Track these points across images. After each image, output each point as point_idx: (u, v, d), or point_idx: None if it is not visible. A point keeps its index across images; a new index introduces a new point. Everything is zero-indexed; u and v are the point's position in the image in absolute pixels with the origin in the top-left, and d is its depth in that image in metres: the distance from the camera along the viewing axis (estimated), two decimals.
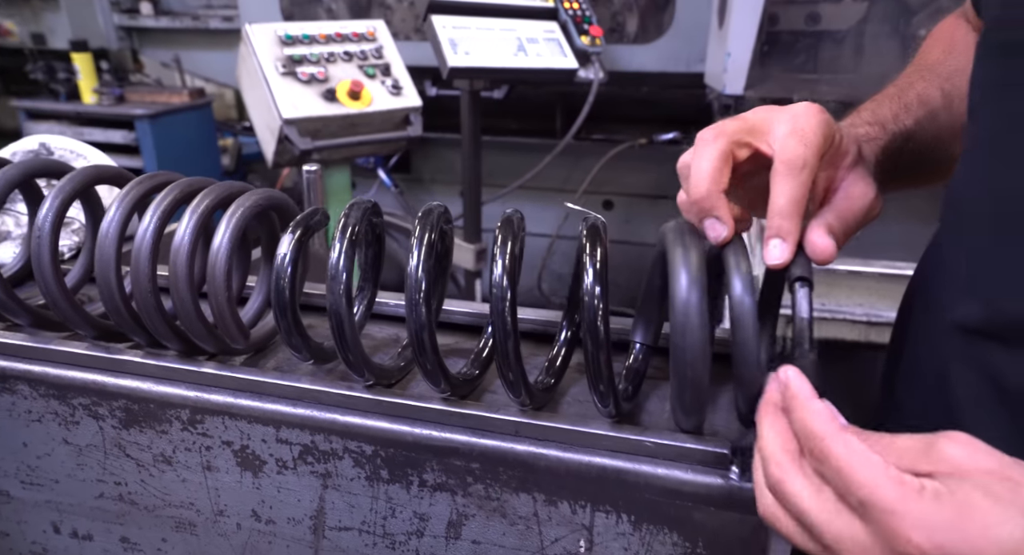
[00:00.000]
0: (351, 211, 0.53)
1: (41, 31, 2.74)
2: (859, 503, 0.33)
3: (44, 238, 0.57)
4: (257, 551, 0.58)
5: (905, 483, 0.32)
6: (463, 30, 1.92)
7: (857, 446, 0.34)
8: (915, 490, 0.32)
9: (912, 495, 0.32)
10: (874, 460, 0.33)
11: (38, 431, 0.59)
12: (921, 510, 0.31)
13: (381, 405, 0.52)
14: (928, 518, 0.31)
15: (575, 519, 0.49)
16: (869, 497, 0.32)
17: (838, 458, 0.34)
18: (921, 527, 0.31)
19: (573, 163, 2.45)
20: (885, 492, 0.32)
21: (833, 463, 0.34)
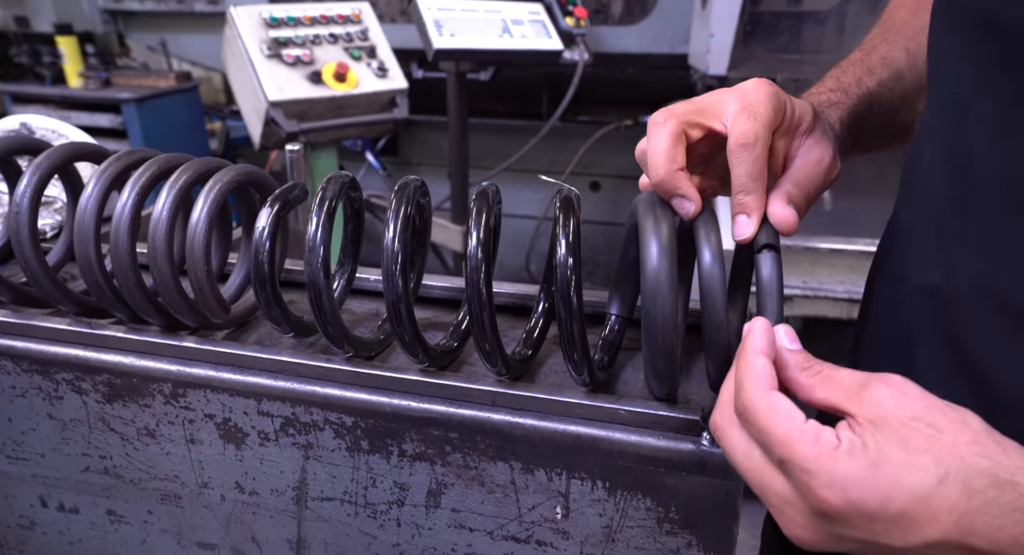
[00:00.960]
0: (328, 185, 0.52)
1: (24, 14, 2.68)
2: (779, 460, 0.34)
3: (23, 215, 0.56)
4: (241, 522, 0.58)
5: (820, 441, 0.33)
6: (448, 12, 1.90)
7: (781, 405, 0.35)
8: (830, 448, 0.33)
9: (827, 454, 0.33)
10: (793, 418, 0.34)
11: (22, 406, 0.59)
12: (835, 467, 0.32)
13: (360, 377, 0.52)
14: (841, 475, 0.32)
15: (551, 486, 0.49)
16: (787, 454, 0.34)
17: (759, 416, 0.35)
18: (835, 485, 0.32)
19: (559, 145, 2.44)
20: (802, 450, 0.33)
21: (755, 421, 0.35)
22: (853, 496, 0.32)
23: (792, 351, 0.38)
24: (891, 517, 0.32)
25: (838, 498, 0.32)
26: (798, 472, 0.33)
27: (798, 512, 0.34)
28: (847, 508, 0.32)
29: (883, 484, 0.31)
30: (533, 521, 0.51)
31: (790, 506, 0.35)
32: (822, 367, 0.37)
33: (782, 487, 0.35)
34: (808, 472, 0.33)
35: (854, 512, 0.32)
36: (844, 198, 1.53)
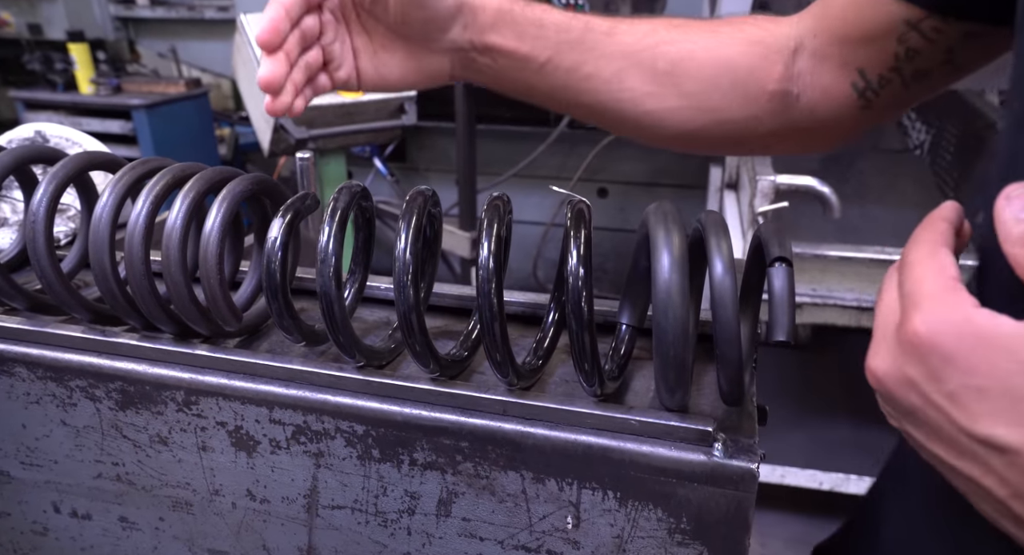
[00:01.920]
0: (340, 195, 0.53)
1: (38, 22, 2.72)
2: (906, 292, 0.33)
3: (39, 223, 0.57)
4: (252, 530, 0.59)
5: (955, 291, 0.31)
6: None
7: (941, 257, 0.33)
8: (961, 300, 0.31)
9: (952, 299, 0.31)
10: (942, 268, 0.33)
11: (36, 413, 0.60)
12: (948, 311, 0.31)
13: (371, 386, 0.52)
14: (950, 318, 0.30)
15: (562, 496, 0.49)
16: (912, 288, 0.33)
17: (916, 258, 0.34)
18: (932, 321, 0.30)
19: (567, 151, 2.45)
20: (927, 288, 0.32)
21: (907, 258, 0.35)
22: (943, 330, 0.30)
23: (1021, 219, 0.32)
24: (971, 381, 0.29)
25: (926, 327, 0.31)
26: (909, 304, 0.32)
27: (886, 342, 0.33)
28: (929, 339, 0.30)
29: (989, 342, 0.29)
30: (544, 531, 0.51)
31: (884, 336, 0.34)
32: None
33: (890, 317, 0.34)
34: (917, 305, 0.32)
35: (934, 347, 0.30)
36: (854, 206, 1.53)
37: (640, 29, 0.62)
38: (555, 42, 0.60)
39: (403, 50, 0.59)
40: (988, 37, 0.53)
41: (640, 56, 0.61)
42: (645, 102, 0.62)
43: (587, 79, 0.62)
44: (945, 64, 0.56)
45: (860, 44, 0.57)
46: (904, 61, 0.56)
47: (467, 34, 0.58)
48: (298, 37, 0.54)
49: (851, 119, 0.62)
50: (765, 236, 0.45)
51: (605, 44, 0.61)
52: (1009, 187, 0.33)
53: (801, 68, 0.61)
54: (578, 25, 0.61)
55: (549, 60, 0.60)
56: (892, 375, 0.33)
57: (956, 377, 0.30)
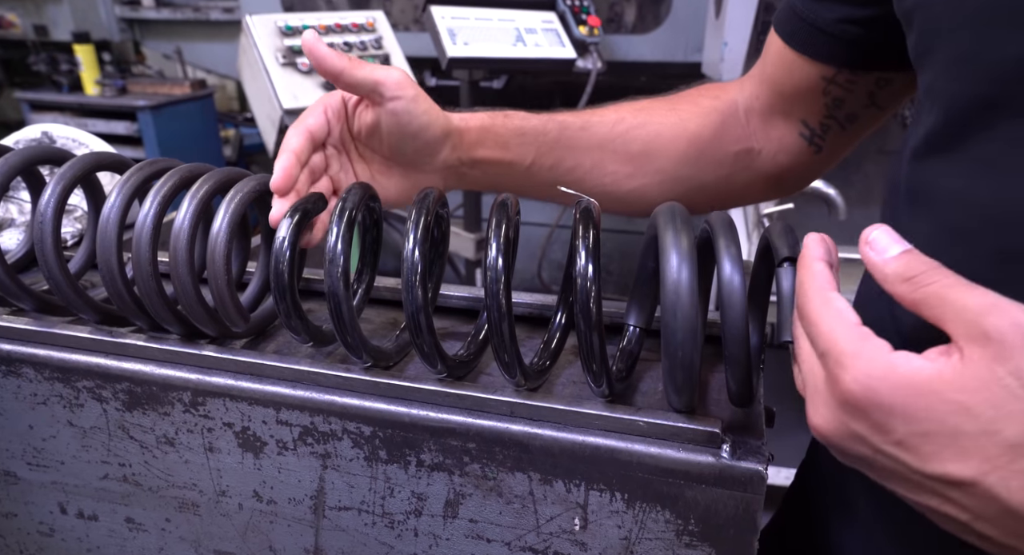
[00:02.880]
0: (349, 195, 0.53)
1: (43, 23, 2.73)
2: (821, 352, 0.35)
3: (46, 224, 0.57)
4: (259, 531, 0.59)
5: (867, 340, 0.33)
6: (462, 20, 1.92)
7: (835, 304, 0.35)
8: (877, 349, 0.33)
9: (870, 351, 0.33)
10: (842, 316, 0.34)
11: (43, 413, 0.60)
12: (872, 362, 0.32)
13: (379, 387, 0.52)
14: (874, 369, 0.32)
15: (570, 498, 0.49)
16: (827, 346, 0.34)
17: (812, 311, 0.36)
18: (860, 376, 0.32)
19: None
20: (842, 345, 0.33)
21: (807, 315, 0.36)
22: (876, 386, 0.32)
23: (888, 260, 0.35)
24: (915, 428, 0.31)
25: (859, 385, 0.32)
26: (832, 363, 0.34)
27: (822, 400, 0.35)
28: (865, 394, 0.32)
29: (921, 389, 0.31)
30: (551, 532, 0.51)
31: (818, 394, 0.35)
32: (932, 279, 0.33)
33: (818, 376, 0.35)
34: (841, 364, 0.33)
35: (873, 404, 0.32)
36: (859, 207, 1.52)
37: (609, 119, 0.69)
38: (536, 146, 0.66)
39: (398, 174, 0.64)
40: (900, 80, 0.60)
41: (614, 144, 0.68)
42: (626, 183, 0.69)
43: (570, 172, 0.68)
44: (869, 107, 0.62)
45: (795, 99, 0.65)
46: (834, 108, 0.63)
47: (456, 154, 0.64)
48: (307, 175, 0.59)
49: (809, 162, 0.68)
50: (773, 236, 0.45)
51: (580, 139, 0.67)
52: (865, 232, 0.36)
53: (754, 127, 0.68)
54: (553, 127, 0.67)
55: (534, 162, 0.67)
56: (837, 431, 0.35)
57: (900, 427, 0.32)
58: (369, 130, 0.61)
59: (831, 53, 0.59)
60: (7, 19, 2.71)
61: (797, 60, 0.62)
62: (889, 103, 0.63)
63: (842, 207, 1.40)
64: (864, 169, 1.91)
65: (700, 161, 0.68)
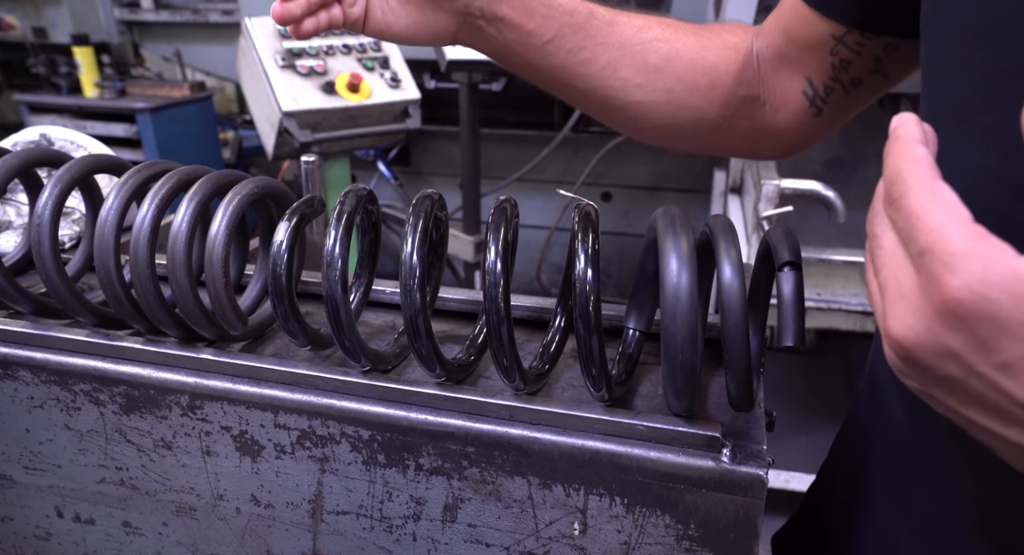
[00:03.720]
0: (347, 198, 0.53)
1: (43, 25, 2.73)
2: (919, 251, 0.29)
3: (44, 226, 0.57)
4: (256, 535, 0.58)
5: (985, 240, 0.27)
6: None
7: (944, 195, 0.29)
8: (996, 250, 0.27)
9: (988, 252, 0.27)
10: (956, 211, 0.28)
11: (40, 417, 0.59)
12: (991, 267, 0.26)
13: (377, 390, 0.52)
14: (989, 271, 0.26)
15: (569, 502, 0.49)
16: (931, 244, 0.28)
17: (912, 200, 0.29)
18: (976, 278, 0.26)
19: (571, 155, 2.45)
20: (952, 244, 0.27)
21: (907, 205, 0.29)
22: (993, 295, 0.26)
23: None
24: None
25: (971, 293, 0.26)
26: (937, 264, 0.27)
27: (909, 306, 0.29)
28: (976, 304, 0.26)
29: None
30: (550, 537, 0.50)
31: (904, 299, 0.29)
32: None
33: (907, 280, 0.29)
34: (949, 265, 0.27)
35: (984, 315, 0.26)
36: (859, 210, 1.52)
37: (637, 23, 0.67)
38: (560, 23, 0.63)
39: (414, 3, 0.62)
40: (907, 48, 0.58)
41: (635, 49, 0.65)
42: (634, 93, 0.66)
43: (584, 64, 0.65)
44: (874, 73, 0.61)
45: (803, 54, 0.63)
46: (840, 71, 0.61)
47: (479, 1, 0.61)
48: None
49: (807, 125, 0.67)
50: (774, 240, 0.45)
51: (605, 33, 0.65)
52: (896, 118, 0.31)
53: (764, 74, 0.67)
54: (583, 10, 0.64)
55: (552, 39, 0.63)
56: (927, 345, 0.29)
57: (1013, 347, 0.26)
58: None
59: (843, 11, 0.58)
60: (6, 21, 2.72)
61: (811, 15, 0.60)
62: (895, 71, 0.61)
63: (841, 210, 1.40)
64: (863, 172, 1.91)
65: (708, 94, 0.66)
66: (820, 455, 0.65)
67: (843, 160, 1.92)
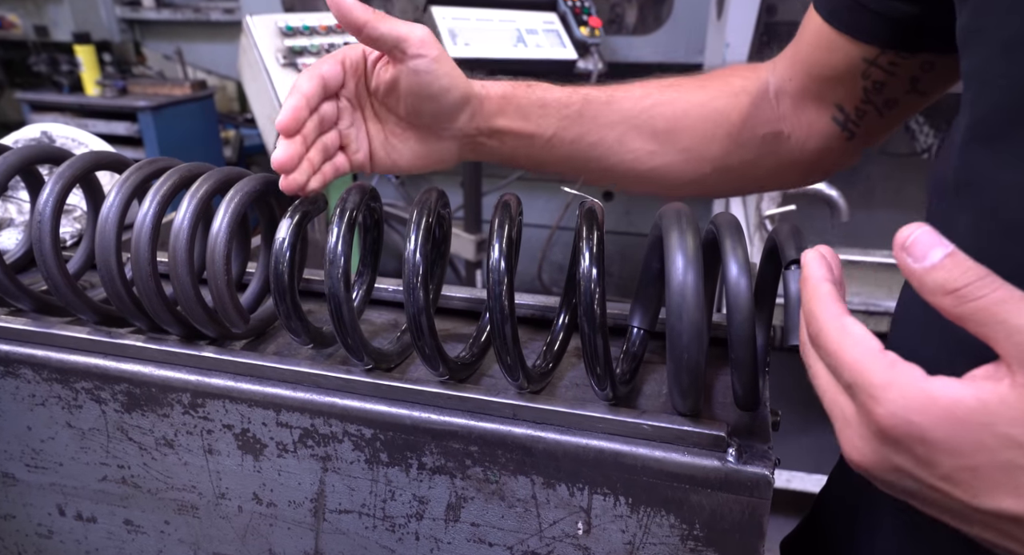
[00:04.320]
0: (349, 195, 0.52)
1: (44, 23, 2.73)
2: (846, 384, 0.33)
3: (45, 223, 0.56)
4: (258, 533, 0.58)
5: (895, 367, 0.31)
6: (463, 21, 1.91)
7: (853, 330, 0.33)
8: (908, 374, 0.30)
9: (901, 378, 0.30)
10: (865, 344, 0.32)
11: (41, 415, 0.59)
12: (906, 391, 0.30)
13: (380, 389, 0.52)
14: (907, 397, 0.30)
15: (573, 501, 0.49)
16: (854, 379, 0.32)
17: (830, 340, 0.33)
18: (897, 408, 0.30)
19: None
20: (870, 376, 0.31)
21: (825, 345, 0.34)
22: (915, 419, 0.29)
23: (928, 269, 0.31)
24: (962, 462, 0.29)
25: (897, 419, 0.30)
26: (863, 396, 0.31)
27: (855, 433, 0.33)
28: (905, 428, 0.30)
29: (966, 420, 0.29)
30: (554, 536, 0.50)
31: (849, 427, 0.33)
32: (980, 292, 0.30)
33: (847, 409, 0.33)
34: (873, 397, 0.31)
35: (914, 437, 0.30)
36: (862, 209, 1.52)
37: (635, 94, 0.67)
38: (558, 118, 0.64)
39: (414, 138, 0.62)
40: (944, 65, 0.57)
41: (639, 119, 0.66)
42: (650, 160, 0.67)
43: (592, 147, 0.66)
44: (911, 92, 0.60)
45: (831, 82, 0.62)
46: (873, 93, 0.60)
47: (474, 122, 0.62)
48: (316, 122, 0.57)
49: (840, 149, 0.66)
50: (781, 238, 0.44)
51: (605, 113, 0.65)
52: (901, 233, 0.32)
53: (784, 110, 0.66)
54: (577, 99, 0.65)
55: (555, 135, 0.64)
56: (878, 465, 0.33)
57: (946, 461, 0.30)
58: (388, 88, 0.59)
59: (875, 32, 0.56)
60: (8, 19, 2.71)
61: (838, 40, 0.58)
62: (932, 89, 0.60)
63: (844, 209, 1.40)
64: (866, 171, 1.91)
65: (726, 142, 0.66)
66: (822, 455, 0.64)
67: None
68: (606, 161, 0.66)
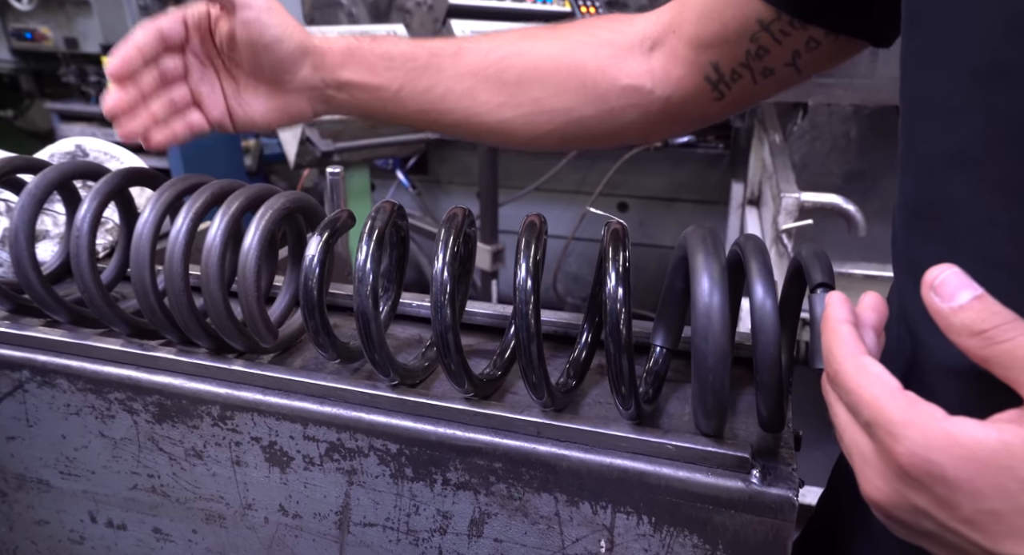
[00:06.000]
0: (378, 214, 0.53)
1: (74, 35, 2.78)
2: (865, 422, 0.33)
3: (82, 237, 0.58)
4: (284, 545, 0.59)
5: (916, 406, 0.31)
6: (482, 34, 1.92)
7: (872, 369, 0.33)
8: (928, 415, 0.31)
9: (921, 418, 0.30)
10: (884, 382, 0.32)
11: (76, 424, 0.60)
12: (926, 430, 0.30)
13: (406, 404, 0.52)
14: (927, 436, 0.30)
15: (596, 519, 0.49)
16: (873, 417, 0.32)
17: (848, 379, 0.34)
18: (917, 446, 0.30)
19: (589, 166, 2.44)
20: (889, 413, 0.31)
21: (844, 384, 0.34)
22: (936, 458, 0.29)
23: (955, 309, 0.31)
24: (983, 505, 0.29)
25: (918, 458, 0.30)
26: (883, 434, 0.32)
27: (875, 471, 0.33)
28: (925, 467, 0.30)
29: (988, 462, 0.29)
30: (577, 554, 0.50)
31: (868, 466, 0.33)
32: (1007, 335, 0.30)
33: (866, 447, 0.33)
34: (893, 435, 0.31)
35: (934, 477, 0.30)
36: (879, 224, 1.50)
37: (484, 47, 0.67)
38: (405, 71, 0.65)
39: (264, 92, 0.64)
40: (828, 46, 0.58)
41: (487, 72, 0.66)
42: (500, 112, 0.66)
43: (441, 99, 0.66)
44: (789, 66, 0.60)
45: (716, 39, 0.61)
46: (754, 58, 0.60)
47: (318, 74, 0.64)
48: (155, 75, 0.60)
49: (703, 108, 0.66)
50: (807, 261, 0.44)
51: (452, 66, 0.66)
52: (930, 273, 0.32)
53: (655, 63, 0.65)
54: (423, 52, 0.65)
55: (402, 87, 0.65)
56: (898, 505, 0.33)
57: (967, 503, 0.30)
58: (228, 42, 0.62)
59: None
60: (40, 32, 2.77)
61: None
62: (808, 68, 0.60)
63: (862, 224, 1.39)
64: (882, 185, 1.89)
65: (579, 93, 0.65)
66: None
67: (862, 173, 1.90)
68: (455, 114, 0.66)
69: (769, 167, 1.58)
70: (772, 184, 1.58)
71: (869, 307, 0.38)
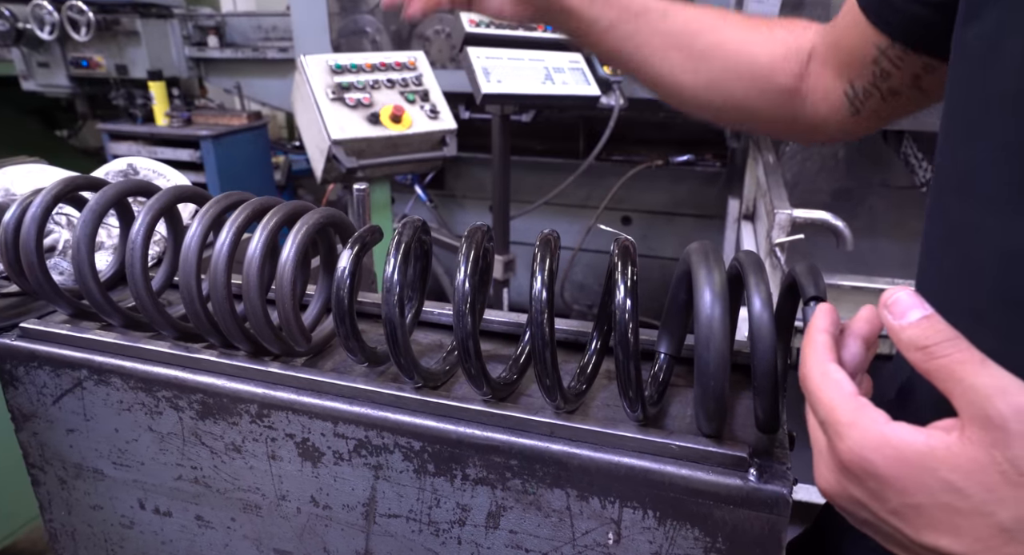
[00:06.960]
0: (404, 229, 0.54)
1: (124, 63, 2.83)
2: (820, 421, 0.35)
3: (136, 250, 0.59)
4: (314, 533, 0.59)
5: (862, 409, 0.33)
6: (495, 60, 1.94)
7: (833, 375, 0.35)
8: (872, 419, 0.32)
9: (865, 422, 0.32)
10: (840, 387, 0.34)
11: (127, 419, 0.61)
12: (867, 432, 0.32)
13: (428, 405, 0.53)
14: (865, 436, 0.32)
15: (604, 513, 0.49)
16: (825, 416, 0.34)
17: (811, 382, 0.36)
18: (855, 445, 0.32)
19: (594, 182, 2.45)
20: (839, 415, 0.33)
21: (806, 385, 0.36)
22: (869, 456, 0.32)
23: (904, 326, 0.33)
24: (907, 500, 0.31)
25: (854, 455, 0.32)
26: (831, 432, 0.34)
27: (825, 464, 0.35)
28: (860, 464, 0.32)
29: (912, 462, 0.31)
30: (586, 545, 0.50)
31: (821, 458, 0.36)
32: (945, 352, 0.31)
33: (820, 443, 0.36)
34: (838, 433, 0.33)
35: (867, 472, 0.32)
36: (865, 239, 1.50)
37: (689, 14, 0.70)
38: (618, 10, 0.69)
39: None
40: (944, 71, 0.55)
41: (683, 37, 0.69)
42: (681, 76, 0.70)
43: (638, 48, 0.69)
44: (913, 88, 0.60)
45: (850, 59, 0.62)
46: (880, 80, 0.61)
47: None
48: None
49: (844, 122, 0.66)
50: (800, 276, 0.45)
51: (658, 22, 0.69)
52: (886, 294, 0.35)
53: (812, 70, 0.67)
54: (638, 4, 0.69)
55: (611, 26, 0.69)
56: (840, 494, 0.35)
57: (894, 497, 0.32)
58: None
59: (890, 23, 0.56)
60: (95, 60, 2.82)
61: (862, 22, 0.59)
62: (933, 90, 0.59)
63: (849, 239, 1.39)
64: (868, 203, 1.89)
65: (748, 84, 0.68)
66: None
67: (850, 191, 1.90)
68: (646, 64, 0.70)
69: (763, 185, 1.58)
70: (766, 201, 1.58)
71: (863, 319, 0.39)
